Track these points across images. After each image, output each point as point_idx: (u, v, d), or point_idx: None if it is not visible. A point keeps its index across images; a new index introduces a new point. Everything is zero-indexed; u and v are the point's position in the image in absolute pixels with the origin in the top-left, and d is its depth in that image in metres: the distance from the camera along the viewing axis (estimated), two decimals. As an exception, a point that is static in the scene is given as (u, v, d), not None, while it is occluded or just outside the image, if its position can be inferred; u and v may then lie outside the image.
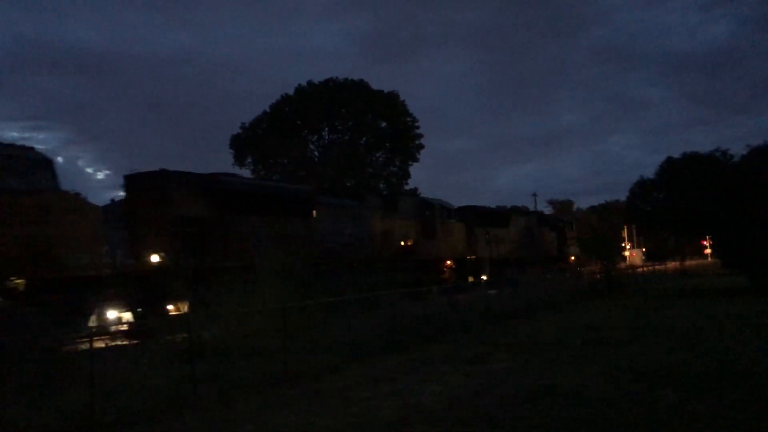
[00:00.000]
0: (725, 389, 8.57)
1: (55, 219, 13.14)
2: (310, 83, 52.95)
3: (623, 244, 71.74)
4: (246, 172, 52.75)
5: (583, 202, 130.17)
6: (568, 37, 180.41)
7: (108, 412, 8.04)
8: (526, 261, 37.77)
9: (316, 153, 53.47)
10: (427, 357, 12.34)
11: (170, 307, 15.38)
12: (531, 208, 70.16)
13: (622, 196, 42.02)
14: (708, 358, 11.00)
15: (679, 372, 9.88)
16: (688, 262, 56.41)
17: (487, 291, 20.62)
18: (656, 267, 45.97)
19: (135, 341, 12.37)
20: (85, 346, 9.67)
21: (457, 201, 30.79)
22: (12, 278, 12.41)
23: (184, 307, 14.87)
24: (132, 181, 17.32)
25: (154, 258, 16.27)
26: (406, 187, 54.47)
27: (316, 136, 53.74)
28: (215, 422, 7.95)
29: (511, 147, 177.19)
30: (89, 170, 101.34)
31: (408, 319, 15.08)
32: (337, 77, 53.15)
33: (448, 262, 30.08)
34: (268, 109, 53.32)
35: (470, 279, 29.80)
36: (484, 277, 29.79)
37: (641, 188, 29.63)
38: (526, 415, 7.64)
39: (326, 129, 53.65)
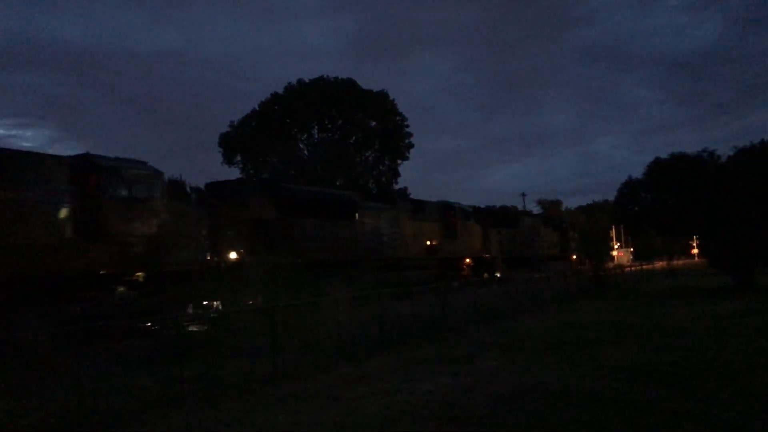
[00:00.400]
0: (713, 388, 8.64)
1: (165, 223, 15.99)
2: (300, 82, 52.89)
3: (611, 244, 72.09)
4: (234, 171, 52.66)
5: (571, 202, 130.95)
6: (557, 38, 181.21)
7: (95, 412, 8.00)
8: (532, 259, 39.74)
9: (305, 152, 53.38)
10: (416, 356, 12.34)
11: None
12: (520, 207, 70.52)
13: (611, 196, 42.94)
14: (693, 357, 11.08)
15: (667, 370, 9.95)
16: (676, 262, 56.77)
17: (500, 287, 22.49)
18: (644, 267, 46.24)
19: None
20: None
21: (447, 199, 31.65)
22: (136, 273, 15.04)
23: (259, 299, 16.26)
24: (213, 189, 20.25)
25: (233, 255, 18.44)
26: (396, 186, 54.53)
27: (305, 135, 53.67)
28: (202, 422, 7.91)
29: (500, 146, 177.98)
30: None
31: (397, 319, 15.08)
32: (327, 76, 53.15)
33: (468, 260, 32.46)
34: (257, 108, 53.17)
35: (485, 275, 32.32)
36: (498, 274, 32.59)
37: (629, 188, 29.77)
38: (514, 414, 7.66)
39: (316, 128, 53.58)
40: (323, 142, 52.97)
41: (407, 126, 54.72)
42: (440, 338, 14.70)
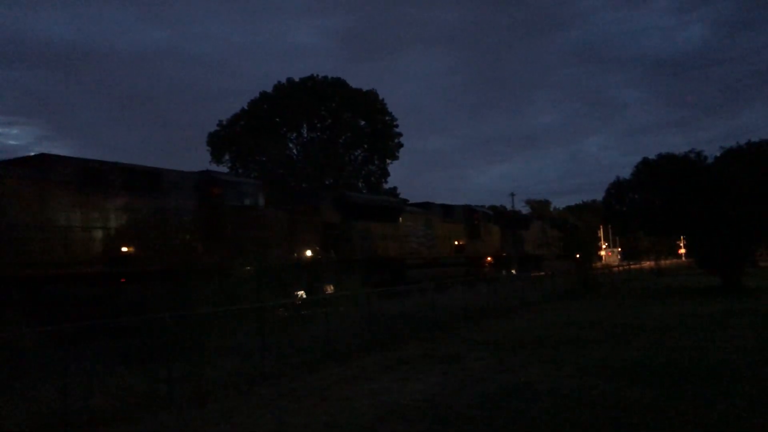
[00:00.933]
0: (698, 387, 8.70)
1: (265, 226, 19.73)
2: (289, 81, 52.73)
3: (599, 244, 72.48)
4: (223, 170, 52.43)
5: (560, 202, 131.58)
6: (546, 39, 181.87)
7: (82, 412, 7.95)
8: (542, 258, 43.26)
9: (294, 151, 53.26)
10: (405, 355, 12.35)
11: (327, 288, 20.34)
12: (509, 207, 70.89)
13: (599, 196, 43.69)
14: (681, 357, 11.16)
15: (653, 370, 10.01)
16: (663, 262, 57.14)
17: (517, 282, 24.12)
18: (632, 267, 46.53)
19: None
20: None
21: (436, 200, 32.59)
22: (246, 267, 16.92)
23: (330, 288, 19.55)
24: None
25: (309, 252, 21.75)
26: (385, 186, 54.52)
27: (294, 134, 53.54)
28: (190, 422, 7.88)
29: (489, 146, 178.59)
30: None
31: (386, 318, 15.09)
32: (316, 75, 53.03)
33: (489, 258, 36.00)
34: (246, 107, 53.00)
35: (504, 272, 35.47)
36: (513, 271, 35.84)
37: (617, 189, 29.92)
38: (502, 413, 7.68)
39: (305, 127, 53.45)
40: (312, 141, 52.87)
41: (396, 126, 54.75)
42: (429, 337, 14.72)
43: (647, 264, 55.71)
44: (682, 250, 63.43)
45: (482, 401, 8.36)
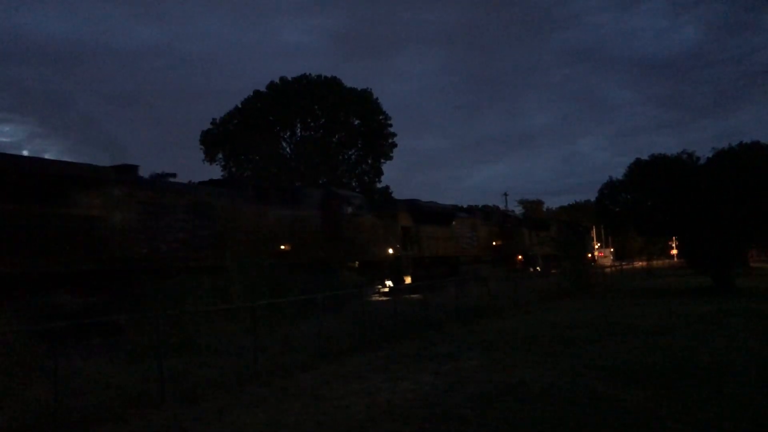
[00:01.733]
0: (689, 388, 8.73)
1: (368, 229, 25.40)
2: (282, 80, 52.66)
3: (592, 244, 72.81)
4: (216, 169, 52.33)
5: (553, 202, 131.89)
6: (540, 39, 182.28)
7: (72, 410, 7.91)
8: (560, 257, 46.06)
9: (288, 150, 53.19)
10: (397, 355, 12.34)
11: (407, 279, 27.46)
12: (502, 207, 71.09)
13: (592, 196, 44.75)
14: (673, 357, 11.20)
15: (645, 370, 10.04)
16: (655, 262, 57.34)
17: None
18: (624, 267, 46.67)
19: (387, 298, 20.59)
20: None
21: (430, 199, 33.60)
22: (354, 262, 24.02)
23: (408, 279, 27.13)
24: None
25: (390, 251, 27.06)
26: (379, 185, 54.53)
27: (288, 133, 53.46)
28: (182, 420, 7.85)
29: (482, 146, 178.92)
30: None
31: (379, 318, 15.08)
32: (310, 74, 53.00)
33: (519, 257, 41.22)
34: (239, 105, 52.90)
35: (530, 269, 40.12)
36: (538, 268, 40.64)
37: (610, 189, 30.00)
38: (495, 413, 7.69)
39: (299, 126, 53.39)
40: (306, 140, 52.79)
41: (390, 125, 54.79)
42: (422, 337, 14.72)
43: (639, 264, 56.02)
44: (674, 251, 63.68)
45: (475, 401, 8.37)
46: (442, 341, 14.14)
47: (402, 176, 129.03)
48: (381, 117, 54.32)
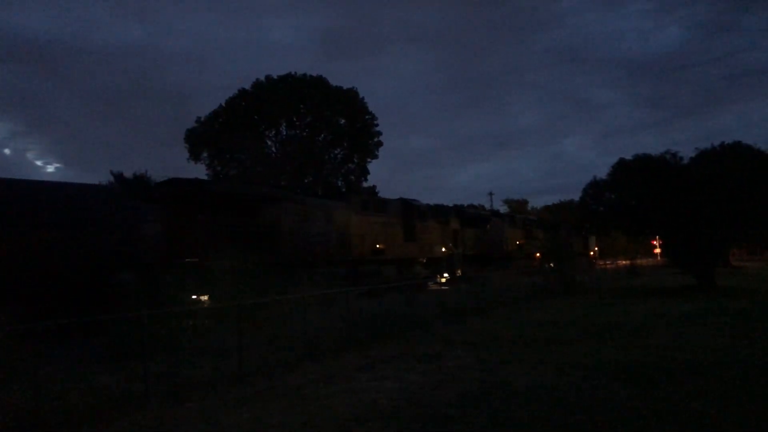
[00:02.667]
0: (673, 385, 8.81)
1: (434, 232, 32.30)
2: (268, 78, 52.46)
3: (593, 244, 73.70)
4: (201, 168, 52.06)
5: (538, 202, 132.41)
6: (525, 39, 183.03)
7: (56, 412, 7.83)
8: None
9: (273, 149, 53.01)
10: (383, 354, 12.34)
11: (457, 271, 33.66)
12: (487, 207, 71.38)
13: (576, 195, 45.85)
14: (655, 355, 11.29)
15: (629, 369, 10.11)
16: (639, 262, 57.83)
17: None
18: (608, 266, 47.02)
19: (447, 287, 26.33)
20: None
21: (415, 198, 34.80)
22: (423, 258, 30.97)
23: (459, 271, 33.65)
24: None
25: (443, 249, 33.02)
26: (365, 185, 54.48)
27: (273, 132, 53.28)
28: (167, 421, 7.80)
29: (468, 146, 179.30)
30: (39, 163, 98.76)
31: (365, 317, 15.07)
32: (295, 73, 52.83)
33: (537, 254, 43.85)
34: (224, 104, 52.64)
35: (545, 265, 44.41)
36: (552, 264, 42.37)
37: (594, 189, 30.21)
38: (480, 412, 7.71)
39: (284, 125, 53.22)
40: (291, 139, 52.64)
41: (376, 124, 54.76)
42: (408, 336, 14.72)
43: (623, 263, 56.62)
44: (658, 250, 64.26)
45: (460, 400, 8.38)
46: (427, 340, 14.15)
47: (389, 176, 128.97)
48: (367, 116, 54.29)
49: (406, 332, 15.17)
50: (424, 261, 31.45)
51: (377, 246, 26.98)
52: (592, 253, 63.61)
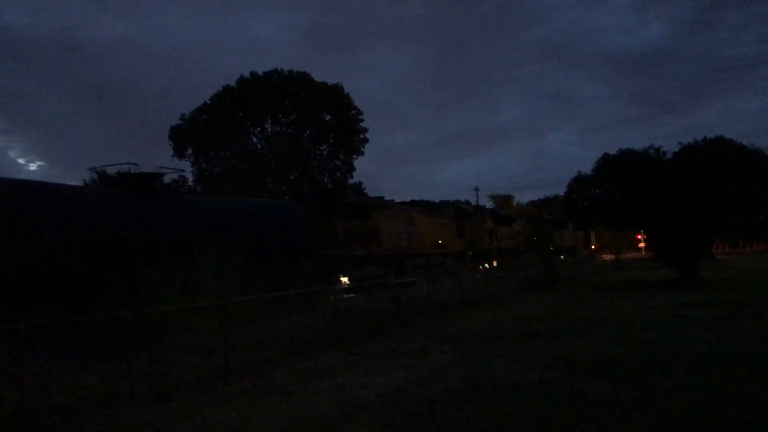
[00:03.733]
0: (656, 379, 8.90)
1: (480, 229, 40.45)
2: (252, 74, 52.16)
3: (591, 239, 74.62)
4: (186, 165, 51.71)
5: (523, 197, 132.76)
6: (510, 35, 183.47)
7: (39, 412, 7.78)
8: (575, 248, 63.71)
9: (258, 146, 52.76)
10: (369, 351, 12.36)
11: (494, 263, 38.62)
12: (473, 202, 71.62)
13: (561, 191, 46.56)
14: (640, 349, 11.40)
15: (613, 362, 10.20)
16: (624, 256, 58.30)
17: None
18: (599, 260, 47.45)
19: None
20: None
21: (403, 195, 37.14)
22: (470, 251, 36.81)
23: (495, 263, 38.15)
24: (465, 212, 39.38)
25: (480, 245, 38.71)
26: (351, 181, 54.36)
27: (258, 129, 52.98)
28: (152, 420, 7.77)
29: (454, 142, 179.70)
30: (21, 161, 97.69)
31: (350, 314, 15.09)
32: (281, 69, 52.55)
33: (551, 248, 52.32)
34: (208, 101, 52.28)
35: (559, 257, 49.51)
36: (561, 257, 48.04)
37: (578, 184, 30.38)
38: (466, 407, 7.75)
39: (269, 121, 52.95)
40: (277, 135, 52.40)
41: (362, 120, 54.60)
42: (393, 332, 14.76)
43: (608, 257, 57.31)
44: (642, 244, 64.83)
45: (446, 395, 8.43)
46: (413, 336, 14.20)
47: (374, 172, 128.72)
48: (352, 112, 54.12)
49: (392, 328, 15.25)
50: (471, 253, 37.20)
51: (440, 242, 33.97)
52: (593, 247, 71.31)
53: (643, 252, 62.05)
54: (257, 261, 14.40)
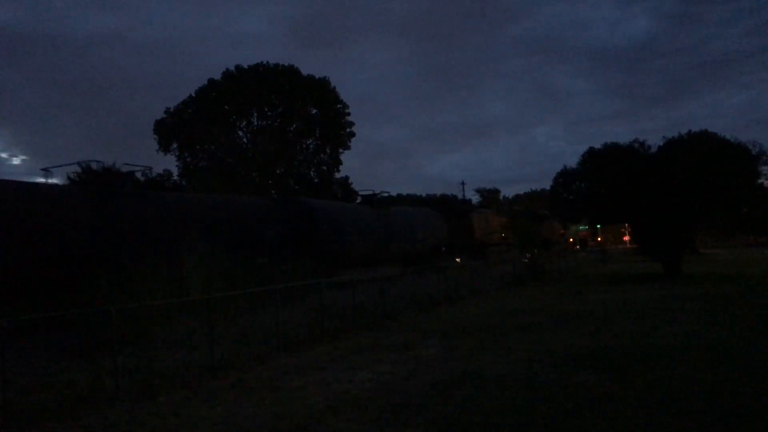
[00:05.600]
0: (639, 371, 8.98)
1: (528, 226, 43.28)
2: (238, 68, 51.82)
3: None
4: (171, 159, 51.39)
5: (509, 191, 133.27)
6: (497, 29, 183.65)
7: (22, 408, 7.72)
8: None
9: (244, 139, 52.48)
10: (355, 345, 12.38)
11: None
12: (459, 197, 71.66)
13: (547, 185, 46.81)
14: (623, 342, 11.49)
15: (597, 355, 10.28)
16: (608, 248, 58.77)
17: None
18: (580, 254, 47.75)
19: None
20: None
21: (389, 189, 35.89)
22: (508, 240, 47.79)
23: (536, 251, 37.17)
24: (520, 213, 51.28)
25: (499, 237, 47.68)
26: (337, 175, 54.26)
27: (244, 122, 52.70)
28: (138, 416, 7.74)
29: (440, 136, 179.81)
30: (4, 155, 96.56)
31: (337, 308, 15.08)
32: (267, 62, 52.26)
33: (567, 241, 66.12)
34: (194, 94, 51.91)
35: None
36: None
37: (564, 177, 30.48)
38: (453, 401, 7.78)
39: (255, 115, 52.68)
40: (263, 129, 52.15)
41: (348, 114, 54.44)
42: (379, 327, 14.78)
43: (592, 245, 58.98)
44: (627, 238, 65.38)
45: (432, 389, 8.46)
46: (399, 330, 14.23)
47: (361, 167, 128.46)
48: (339, 106, 53.94)
49: (378, 323, 15.26)
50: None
51: (503, 235, 45.80)
52: (600, 239, 76.72)
53: (628, 245, 62.54)
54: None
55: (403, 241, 30.07)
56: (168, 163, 50.66)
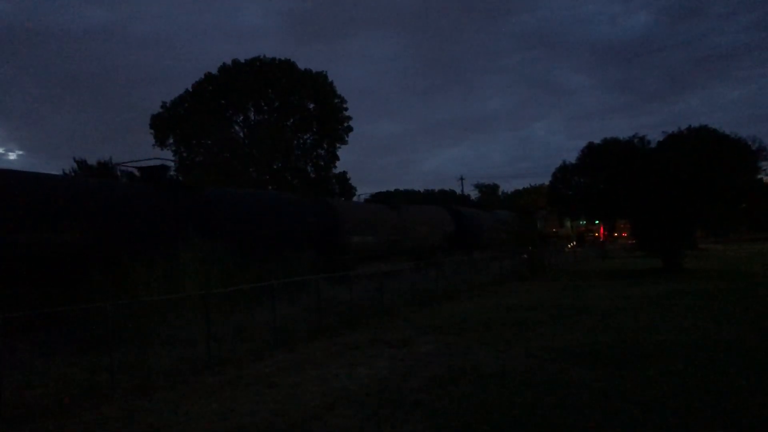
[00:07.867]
0: (637, 367, 8.94)
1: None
2: (235, 62, 51.60)
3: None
4: (167, 154, 51.21)
5: (508, 186, 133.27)
6: (496, 23, 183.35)
7: (17, 405, 7.65)
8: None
9: (241, 134, 52.30)
10: (353, 341, 12.32)
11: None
12: (458, 191, 71.57)
13: (546, 180, 47.10)
14: (622, 338, 11.46)
15: (596, 351, 10.24)
16: (608, 243, 58.76)
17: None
18: (578, 249, 47.69)
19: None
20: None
21: (386, 185, 35.77)
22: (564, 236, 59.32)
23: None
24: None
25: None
26: (335, 170, 54.08)
27: (241, 117, 52.51)
28: (134, 412, 7.67)
29: (439, 131, 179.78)
30: (0, 150, 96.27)
31: (334, 304, 15.03)
32: (264, 56, 52.02)
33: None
34: (190, 89, 51.69)
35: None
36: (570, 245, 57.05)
37: (563, 173, 30.43)
38: (450, 397, 7.73)
39: (252, 109, 52.47)
40: (260, 124, 51.96)
41: (346, 108, 54.23)
42: (377, 323, 14.72)
43: (589, 239, 59.53)
44: (626, 233, 65.43)
45: (430, 385, 8.41)
46: (397, 326, 14.17)
47: (359, 161, 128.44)
48: (336, 100, 53.72)
49: (376, 318, 15.20)
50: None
51: (553, 230, 56.26)
52: (615, 234, 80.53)
53: (627, 241, 62.60)
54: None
55: (415, 237, 31.30)
56: (164, 158, 50.30)
